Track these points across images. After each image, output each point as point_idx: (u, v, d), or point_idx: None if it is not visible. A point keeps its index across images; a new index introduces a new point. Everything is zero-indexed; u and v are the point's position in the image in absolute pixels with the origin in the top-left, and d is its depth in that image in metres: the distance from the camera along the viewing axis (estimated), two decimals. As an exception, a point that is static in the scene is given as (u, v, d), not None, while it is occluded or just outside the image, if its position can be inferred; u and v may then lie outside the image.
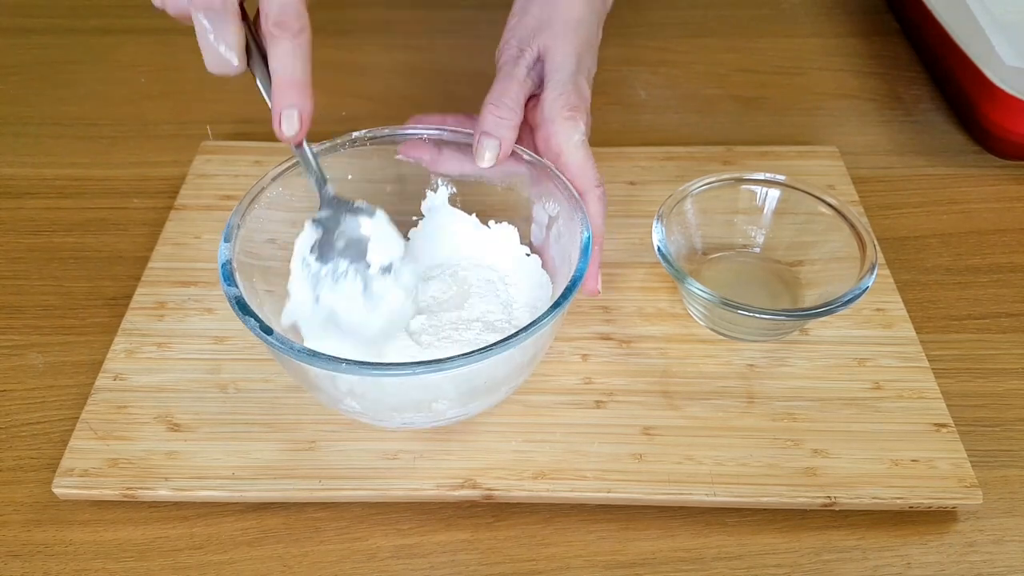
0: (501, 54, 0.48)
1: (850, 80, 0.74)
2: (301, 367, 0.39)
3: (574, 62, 0.47)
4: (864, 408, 0.47)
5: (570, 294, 0.41)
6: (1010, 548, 0.43)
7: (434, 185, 0.51)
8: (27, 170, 0.64)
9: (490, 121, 0.46)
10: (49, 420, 0.48)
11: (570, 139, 0.46)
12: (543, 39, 0.47)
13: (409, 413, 0.43)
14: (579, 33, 0.48)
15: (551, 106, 0.46)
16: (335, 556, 0.43)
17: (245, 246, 0.44)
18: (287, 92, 0.39)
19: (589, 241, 0.43)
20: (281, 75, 0.39)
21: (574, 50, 0.47)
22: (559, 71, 0.47)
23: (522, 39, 0.48)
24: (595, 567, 0.43)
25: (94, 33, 0.78)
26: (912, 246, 0.58)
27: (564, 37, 0.47)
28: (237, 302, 0.40)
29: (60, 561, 0.43)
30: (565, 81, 0.47)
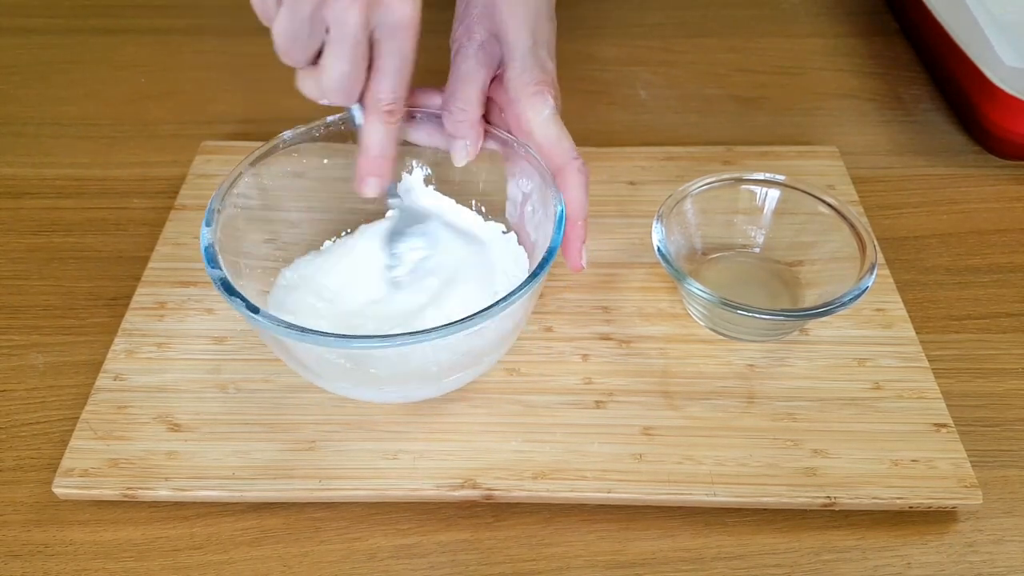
0: (452, 44, 0.48)
1: (850, 80, 0.74)
2: (287, 344, 0.40)
3: (529, 36, 0.46)
4: (864, 408, 0.47)
5: (546, 264, 0.41)
6: (1010, 548, 0.43)
7: (409, 167, 0.51)
8: (27, 170, 0.64)
9: (450, 125, 0.46)
10: (49, 420, 0.48)
11: (540, 114, 0.46)
12: (490, 20, 0.47)
13: (392, 386, 0.44)
14: (529, 7, 0.47)
15: (515, 84, 0.46)
16: (335, 556, 0.43)
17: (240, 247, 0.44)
18: (376, 164, 0.44)
19: (562, 214, 0.44)
20: (374, 151, 0.44)
21: (526, 25, 0.46)
22: (516, 48, 0.46)
23: (469, 26, 0.47)
24: (595, 567, 0.43)
25: (94, 33, 0.78)
26: (912, 246, 0.58)
27: (513, 14, 0.46)
28: (222, 283, 0.40)
29: (60, 561, 0.43)
30: (524, 56, 0.46)
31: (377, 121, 0.43)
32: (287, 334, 0.38)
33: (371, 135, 0.43)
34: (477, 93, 0.46)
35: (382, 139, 0.44)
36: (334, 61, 0.40)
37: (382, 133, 0.43)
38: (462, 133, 0.46)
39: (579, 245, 0.46)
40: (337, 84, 0.41)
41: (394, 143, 0.44)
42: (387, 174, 0.45)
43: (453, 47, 0.47)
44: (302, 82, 0.42)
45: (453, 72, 0.47)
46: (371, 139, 0.44)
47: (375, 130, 0.43)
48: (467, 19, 0.47)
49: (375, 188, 0.45)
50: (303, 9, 0.39)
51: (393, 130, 0.44)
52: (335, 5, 0.39)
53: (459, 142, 0.47)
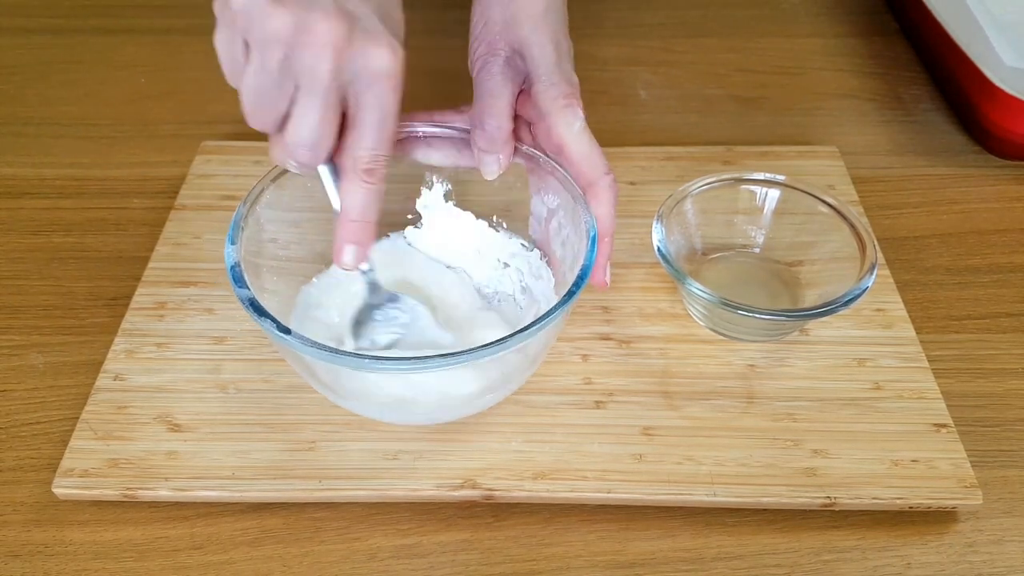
0: (473, 63, 0.47)
1: (850, 80, 0.74)
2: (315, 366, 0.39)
3: (553, 51, 0.46)
4: (864, 408, 0.47)
5: (581, 284, 0.41)
6: (1010, 548, 0.43)
7: (429, 182, 0.51)
8: (27, 170, 0.64)
9: (482, 142, 0.46)
10: (49, 420, 0.48)
11: (571, 128, 0.45)
12: (512, 36, 0.46)
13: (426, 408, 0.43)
14: (548, 21, 0.46)
15: (544, 98, 0.45)
16: (335, 556, 0.43)
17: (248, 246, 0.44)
18: (356, 230, 0.41)
19: (595, 234, 0.43)
20: (353, 215, 0.40)
21: (549, 40, 0.46)
22: (541, 63, 0.46)
23: (490, 42, 0.46)
24: (595, 567, 0.43)
25: (94, 33, 0.78)
26: (912, 246, 0.58)
27: (535, 30, 0.46)
28: (251, 304, 0.39)
29: (60, 561, 0.43)
30: (551, 71, 0.45)
31: (356, 181, 0.39)
32: (318, 355, 0.38)
33: (350, 197, 0.40)
34: (507, 108, 0.45)
35: (362, 201, 0.40)
36: (303, 112, 0.37)
37: (362, 194, 0.39)
38: (495, 148, 0.46)
39: (604, 261, 0.45)
40: (302, 139, 0.37)
41: (376, 207, 0.40)
42: (367, 241, 0.41)
43: (476, 65, 0.47)
44: (271, 150, 0.39)
45: (480, 88, 0.46)
46: (350, 202, 0.40)
47: (354, 191, 0.39)
48: (488, 36, 0.47)
49: (353, 257, 0.41)
50: (272, 59, 0.36)
51: (374, 191, 0.40)
52: (305, 52, 0.35)
53: (491, 156, 0.46)
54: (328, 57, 0.36)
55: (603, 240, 0.44)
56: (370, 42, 0.37)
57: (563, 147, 0.45)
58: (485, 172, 0.46)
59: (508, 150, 0.46)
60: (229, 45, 0.37)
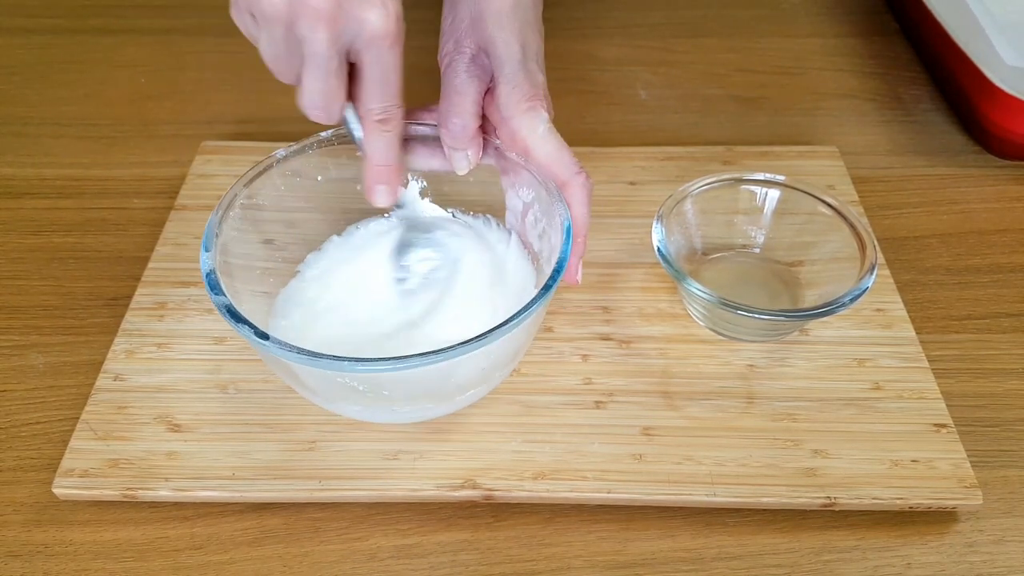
0: (441, 59, 0.47)
1: (850, 80, 0.74)
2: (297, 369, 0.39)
3: (518, 50, 0.46)
4: (864, 408, 0.47)
5: (557, 277, 0.41)
6: (1010, 548, 0.43)
7: (404, 180, 0.51)
8: (27, 170, 0.64)
9: (449, 140, 0.46)
10: (49, 420, 0.48)
11: (535, 131, 0.45)
12: (478, 34, 0.46)
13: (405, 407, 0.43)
14: (515, 18, 0.46)
15: (507, 101, 0.45)
16: (335, 556, 0.43)
17: (239, 248, 0.44)
18: (381, 173, 0.45)
19: (570, 228, 0.43)
20: (377, 160, 0.44)
21: (515, 38, 0.46)
22: (506, 63, 0.45)
23: (457, 39, 0.46)
24: (595, 567, 0.43)
25: (94, 33, 0.78)
26: (912, 246, 0.58)
27: (501, 27, 0.46)
28: (227, 310, 0.39)
29: (60, 561, 0.43)
30: (515, 72, 0.45)
31: (374, 131, 0.43)
32: (297, 359, 0.37)
33: (371, 145, 0.44)
34: (472, 106, 0.45)
35: (383, 148, 0.44)
36: (307, 80, 0.41)
37: (382, 142, 0.44)
38: (462, 146, 0.46)
39: (577, 260, 0.46)
40: (312, 102, 0.42)
41: (396, 150, 0.44)
42: (395, 181, 0.45)
43: (443, 62, 0.47)
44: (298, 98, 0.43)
45: (445, 87, 0.46)
46: (372, 149, 0.44)
47: (374, 140, 0.44)
48: (455, 33, 0.47)
49: (385, 196, 0.45)
50: (276, 32, 0.39)
51: (392, 137, 0.44)
52: (301, 24, 0.38)
53: (459, 152, 0.46)
54: (322, 28, 0.38)
55: (577, 239, 0.45)
56: (360, 6, 0.39)
57: (528, 151, 0.45)
58: (456, 168, 0.47)
59: (476, 146, 0.46)
60: (241, 21, 0.41)
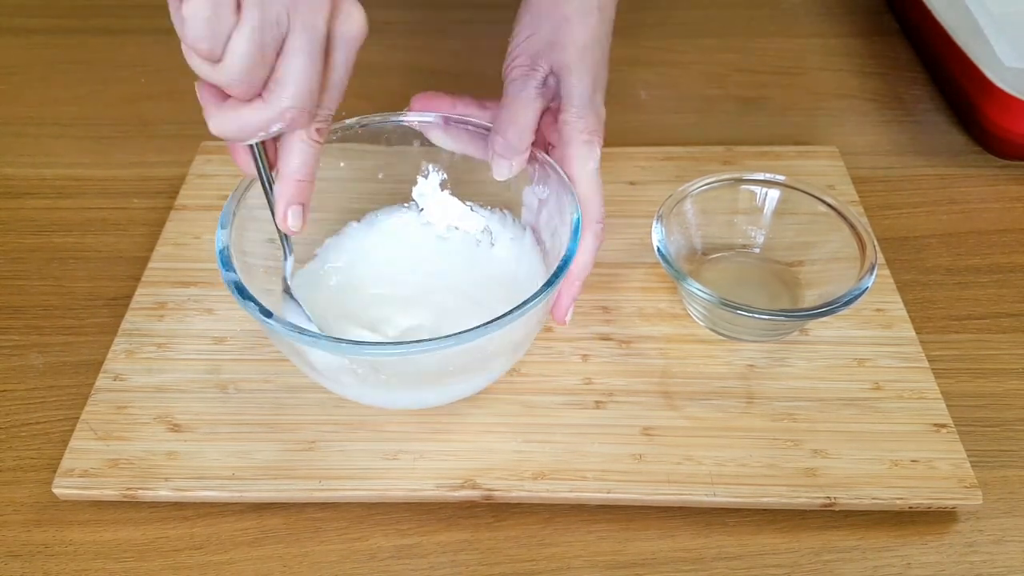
0: (511, 69, 0.47)
1: (850, 80, 0.74)
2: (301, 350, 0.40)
3: (590, 84, 0.46)
4: (864, 408, 0.47)
5: (561, 273, 0.41)
6: (1010, 548, 0.43)
7: (425, 171, 0.51)
8: (27, 170, 0.64)
9: (500, 147, 0.46)
10: (49, 420, 0.48)
11: (585, 166, 0.46)
12: (556, 58, 0.46)
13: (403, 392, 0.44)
14: (594, 53, 0.47)
15: (570, 129, 0.46)
16: (335, 556, 0.43)
17: (242, 246, 0.44)
18: (301, 190, 0.40)
19: (578, 223, 0.44)
20: (300, 175, 0.40)
21: (589, 71, 0.47)
22: (576, 94, 0.46)
23: (534, 55, 0.47)
24: (595, 567, 0.43)
25: (94, 33, 0.78)
26: (912, 246, 0.58)
27: (579, 59, 0.46)
28: (236, 287, 0.40)
29: (60, 561, 0.43)
30: (584, 104, 0.46)
31: (305, 141, 0.39)
32: (299, 339, 0.38)
33: (298, 158, 0.39)
34: (532, 123, 0.46)
35: (310, 161, 0.40)
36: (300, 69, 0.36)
37: (311, 154, 0.39)
38: (511, 156, 0.46)
39: (569, 301, 0.47)
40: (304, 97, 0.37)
41: (315, 168, 0.40)
42: (308, 200, 0.41)
43: (512, 73, 0.47)
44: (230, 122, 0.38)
45: (511, 98, 0.46)
46: (298, 162, 0.39)
47: (302, 151, 0.39)
48: (531, 49, 0.47)
49: (299, 218, 0.41)
50: (271, 13, 0.35)
51: (316, 152, 0.40)
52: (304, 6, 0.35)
53: (504, 161, 0.46)
54: (325, 12, 0.36)
55: (573, 281, 0.46)
56: (349, 4, 0.37)
57: (572, 182, 0.46)
58: (496, 173, 0.47)
59: (522, 159, 0.47)
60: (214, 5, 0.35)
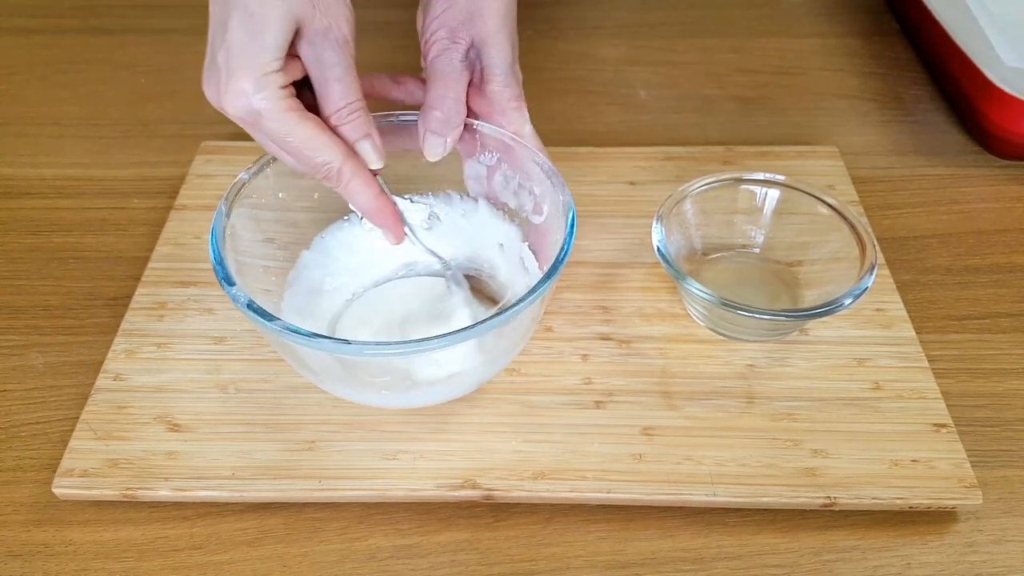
0: (430, 45, 0.48)
1: (850, 80, 0.74)
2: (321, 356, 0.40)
3: (510, 51, 0.47)
4: (864, 408, 0.47)
5: (560, 266, 0.41)
6: (1010, 548, 0.43)
7: None
8: (27, 170, 0.64)
9: (435, 121, 0.46)
10: (49, 420, 0.48)
11: (522, 130, 0.48)
12: (476, 30, 0.47)
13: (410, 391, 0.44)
14: (508, 20, 0.48)
15: (499, 98, 0.47)
16: (335, 556, 0.43)
17: (240, 245, 0.44)
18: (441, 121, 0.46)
19: (573, 211, 0.44)
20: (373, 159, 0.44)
21: (508, 39, 0.47)
22: (498, 63, 0.47)
23: (452, 29, 0.47)
24: (595, 567, 0.43)
25: (94, 33, 0.78)
26: (912, 246, 0.58)
27: (498, 28, 0.47)
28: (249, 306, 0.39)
29: (60, 561, 0.43)
30: (506, 72, 0.47)
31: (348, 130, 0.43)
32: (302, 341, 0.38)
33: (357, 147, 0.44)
34: (463, 94, 0.47)
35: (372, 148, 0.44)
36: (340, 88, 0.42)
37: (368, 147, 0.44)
38: (446, 131, 0.47)
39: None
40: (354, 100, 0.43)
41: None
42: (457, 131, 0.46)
43: (432, 48, 0.47)
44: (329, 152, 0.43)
45: (437, 73, 0.47)
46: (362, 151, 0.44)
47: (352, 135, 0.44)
48: (449, 22, 0.47)
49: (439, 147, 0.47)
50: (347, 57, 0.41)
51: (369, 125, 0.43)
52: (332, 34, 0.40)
53: (438, 138, 0.47)
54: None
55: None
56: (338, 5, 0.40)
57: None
58: (429, 153, 0.47)
59: (457, 134, 0.47)
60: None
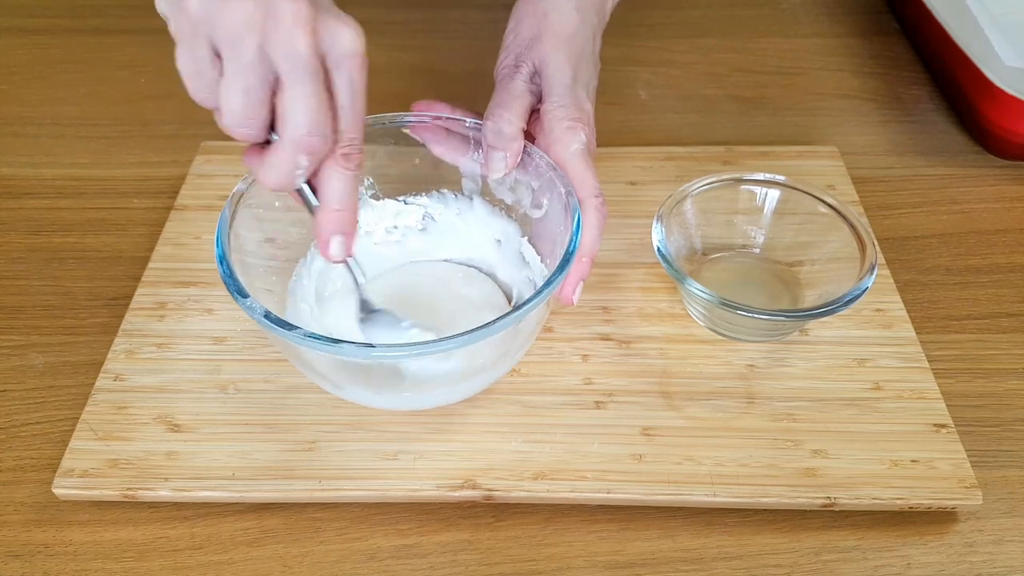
0: (499, 69, 0.48)
1: (850, 80, 0.74)
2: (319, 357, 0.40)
3: (570, 75, 0.47)
4: (864, 408, 0.47)
5: (566, 266, 0.41)
6: (1010, 548, 0.43)
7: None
8: (27, 170, 0.64)
9: (492, 136, 0.46)
10: (49, 420, 0.48)
11: (568, 148, 0.45)
12: (537, 52, 0.47)
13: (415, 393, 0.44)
14: (572, 46, 0.47)
15: (550, 117, 0.46)
16: (335, 556, 0.43)
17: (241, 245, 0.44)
18: (339, 220, 0.39)
19: (578, 211, 0.43)
20: (335, 204, 0.38)
21: (568, 63, 0.47)
22: (556, 84, 0.47)
23: (518, 54, 0.48)
24: (595, 567, 0.43)
25: (94, 33, 0.78)
26: (912, 246, 0.58)
27: (556, 49, 0.47)
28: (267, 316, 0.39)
29: (60, 561, 0.43)
30: (563, 93, 0.46)
31: (334, 169, 0.38)
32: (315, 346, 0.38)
33: (330, 186, 0.38)
34: (523, 111, 0.46)
35: (341, 189, 0.38)
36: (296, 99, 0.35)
37: (341, 182, 0.38)
38: (504, 144, 0.46)
39: (577, 280, 0.45)
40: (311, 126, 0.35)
41: (355, 195, 0.39)
42: (352, 229, 0.39)
43: (501, 74, 0.48)
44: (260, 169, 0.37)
45: (501, 91, 0.47)
46: (330, 190, 0.38)
47: (334, 180, 0.38)
48: (516, 49, 0.48)
49: (341, 248, 0.39)
50: (247, 51, 0.34)
51: (352, 179, 0.38)
52: (279, 35, 0.34)
53: (498, 153, 0.46)
54: (303, 33, 0.34)
55: (582, 258, 0.44)
56: (335, 21, 0.35)
57: (561, 166, 0.46)
58: (492, 169, 0.47)
59: (515, 148, 0.46)
60: (194, 60, 0.35)
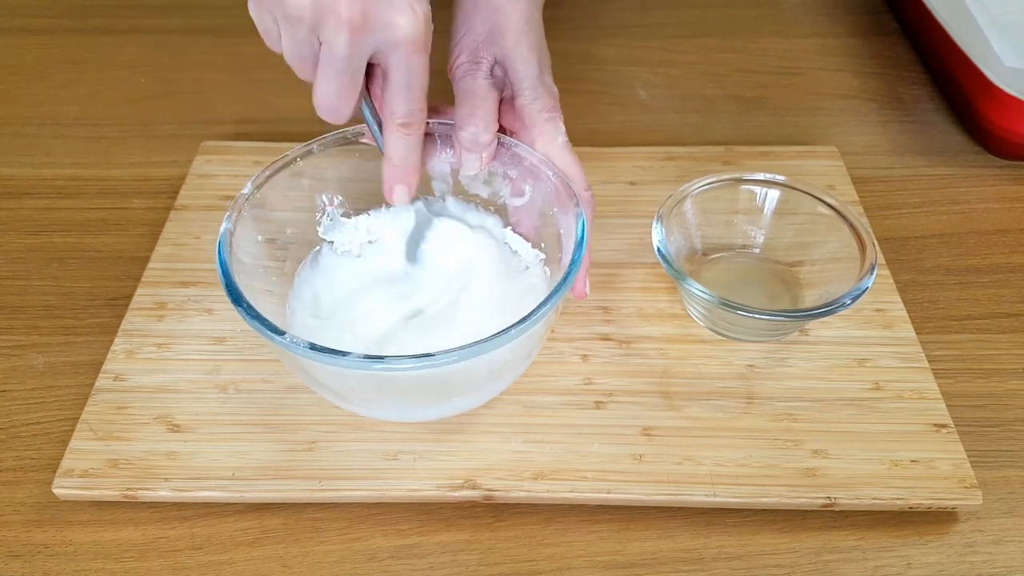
0: (455, 70, 0.48)
1: (850, 80, 0.74)
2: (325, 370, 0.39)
3: (536, 64, 0.47)
4: (864, 408, 0.47)
5: (574, 270, 0.41)
6: (1010, 548, 0.43)
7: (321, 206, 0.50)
8: (27, 170, 0.64)
9: (467, 142, 0.46)
10: (49, 420, 0.48)
11: (554, 141, 0.47)
12: (496, 47, 0.47)
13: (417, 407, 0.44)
14: (530, 33, 0.48)
15: (528, 111, 0.47)
16: (335, 556, 0.43)
17: (242, 246, 0.44)
18: (399, 173, 0.45)
19: (583, 223, 0.43)
20: (395, 161, 0.45)
21: (532, 53, 0.47)
22: (526, 77, 0.47)
23: (474, 49, 0.48)
24: (595, 567, 0.43)
25: (94, 33, 0.78)
26: (912, 246, 0.58)
27: (519, 43, 0.47)
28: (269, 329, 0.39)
29: (60, 561, 0.43)
30: (535, 85, 0.47)
31: (395, 134, 0.44)
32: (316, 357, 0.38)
33: (392, 147, 0.44)
34: (492, 111, 0.47)
35: (403, 149, 0.44)
36: (320, 82, 0.41)
37: (402, 144, 0.44)
38: (479, 149, 0.47)
39: (583, 274, 0.47)
40: (322, 104, 0.42)
41: (416, 153, 0.45)
42: (413, 181, 0.46)
43: (457, 72, 0.48)
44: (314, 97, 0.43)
45: (464, 93, 0.47)
46: (392, 150, 0.44)
47: (395, 142, 0.44)
48: (470, 44, 0.48)
49: (403, 196, 0.46)
50: (298, 34, 0.40)
51: (413, 141, 0.44)
52: (325, 29, 0.39)
53: (473, 155, 0.47)
54: (345, 32, 0.39)
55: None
56: (388, 11, 0.39)
57: (547, 159, 0.47)
58: (467, 168, 0.48)
59: (491, 150, 0.47)
60: (260, 18, 0.41)
